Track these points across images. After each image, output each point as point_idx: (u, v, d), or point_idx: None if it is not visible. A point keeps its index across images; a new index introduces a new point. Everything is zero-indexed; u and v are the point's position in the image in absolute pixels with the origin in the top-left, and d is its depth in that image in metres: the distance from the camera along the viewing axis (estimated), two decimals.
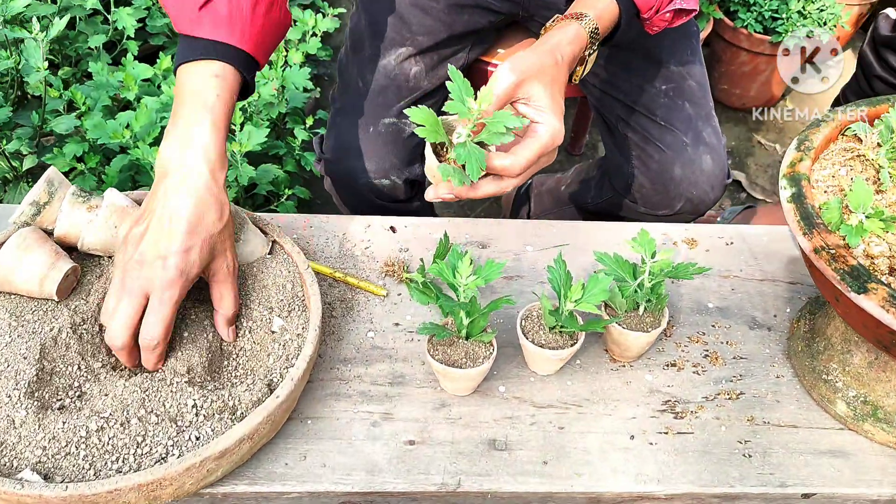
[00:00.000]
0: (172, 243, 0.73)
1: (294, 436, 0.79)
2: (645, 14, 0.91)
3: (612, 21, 0.89)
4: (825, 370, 0.85)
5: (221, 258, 0.78)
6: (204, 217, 0.75)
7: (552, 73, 0.81)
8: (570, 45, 0.84)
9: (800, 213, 0.72)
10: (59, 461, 0.69)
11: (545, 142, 0.79)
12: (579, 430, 0.81)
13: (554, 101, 0.80)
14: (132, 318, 0.73)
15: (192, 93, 0.77)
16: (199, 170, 0.75)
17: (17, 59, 1.19)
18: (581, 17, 0.86)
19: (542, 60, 0.80)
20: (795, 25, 2.05)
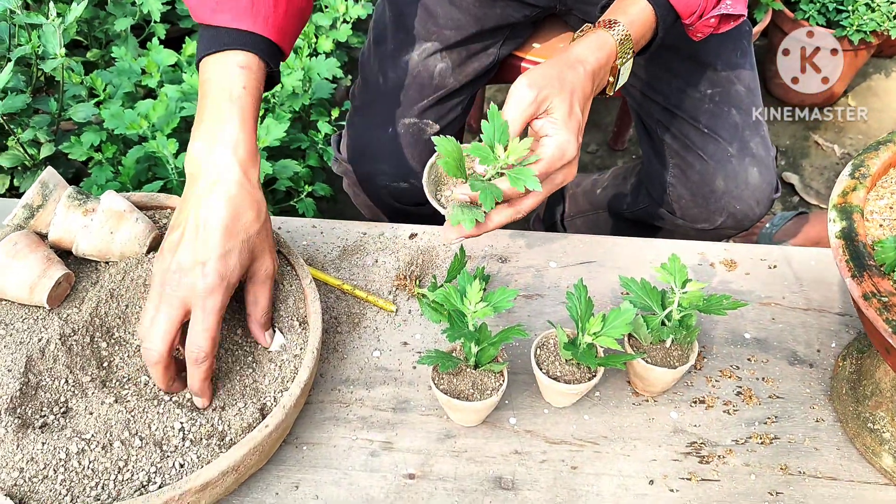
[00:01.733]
0: (210, 248, 0.68)
1: (287, 462, 0.74)
2: (687, 20, 0.84)
3: (647, 28, 0.82)
4: (871, 418, 0.77)
5: (261, 260, 0.73)
6: (240, 218, 0.70)
7: (572, 84, 0.75)
8: (594, 54, 0.78)
9: (849, 252, 0.64)
10: (35, 484, 0.65)
11: (552, 156, 0.73)
12: (594, 470, 0.75)
13: (570, 114, 0.74)
14: (170, 330, 0.68)
15: (218, 87, 0.72)
16: (231, 168, 0.70)
17: (35, 44, 1.16)
18: (612, 24, 0.80)
19: (561, 72, 0.75)
20: (862, 19, 1.91)
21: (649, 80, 1.10)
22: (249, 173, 0.71)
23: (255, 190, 0.72)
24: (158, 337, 0.68)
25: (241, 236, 0.70)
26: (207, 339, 0.68)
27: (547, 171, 0.74)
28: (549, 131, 0.75)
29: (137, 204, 0.84)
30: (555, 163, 0.74)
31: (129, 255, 0.80)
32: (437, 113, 1.09)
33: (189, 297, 0.68)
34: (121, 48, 1.32)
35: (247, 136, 0.71)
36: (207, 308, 0.68)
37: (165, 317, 0.68)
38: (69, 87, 1.23)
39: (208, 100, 0.73)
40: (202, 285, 0.68)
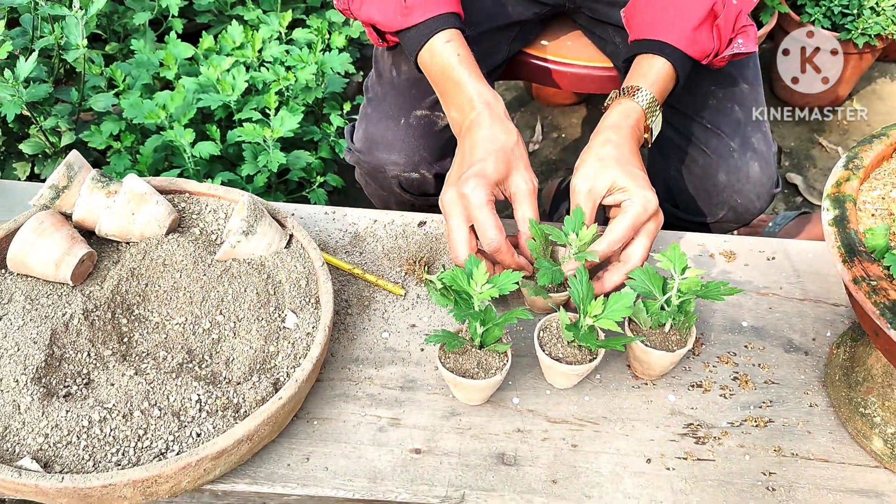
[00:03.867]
0: (472, 160, 0.82)
1: (298, 436, 0.78)
2: (704, 62, 0.92)
3: (668, 82, 0.91)
4: (863, 403, 0.79)
5: (518, 173, 0.84)
6: (494, 136, 0.83)
7: (614, 155, 0.84)
8: (625, 121, 0.87)
9: (841, 238, 0.66)
10: (59, 450, 0.68)
11: (635, 211, 0.82)
12: (593, 449, 0.78)
13: (631, 175, 0.83)
14: (465, 238, 0.80)
15: (440, 67, 0.89)
16: (478, 110, 0.85)
17: (58, 35, 1.20)
18: (635, 92, 0.88)
19: (598, 153, 0.85)
20: (867, 22, 1.93)
21: None
22: (494, 108, 0.86)
23: (504, 118, 0.85)
24: (461, 248, 0.80)
25: (496, 147, 0.82)
26: (492, 231, 0.79)
27: (633, 225, 0.82)
28: (621, 197, 0.83)
29: (158, 188, 0.87)
30: (640, 218, 0.82)
31: (150, 236, 0.84)
32: None
33: (461, 201, 0.80)
34: (139, 41, 1.35)
35: (481, 84, 0.87)
36: (475, 203, 0.80)
37: (456, 228, 0.81)
38: (89, 77, 1.27)
39: (440, 80, 0.89)
40: (467, 187, 0.80)
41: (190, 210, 0.89)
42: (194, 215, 0.88)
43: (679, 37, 0.90)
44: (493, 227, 0.79)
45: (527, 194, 0.84)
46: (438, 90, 0.90)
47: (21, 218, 0.82)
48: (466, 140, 0.84)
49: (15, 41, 1.21)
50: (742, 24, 0.92)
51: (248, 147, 1.26)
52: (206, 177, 1.27)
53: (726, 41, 0.92)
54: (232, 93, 1.25)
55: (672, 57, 0.90)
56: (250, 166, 1.25)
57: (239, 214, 0.83)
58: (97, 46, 1.51)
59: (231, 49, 1.38)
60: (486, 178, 0.80)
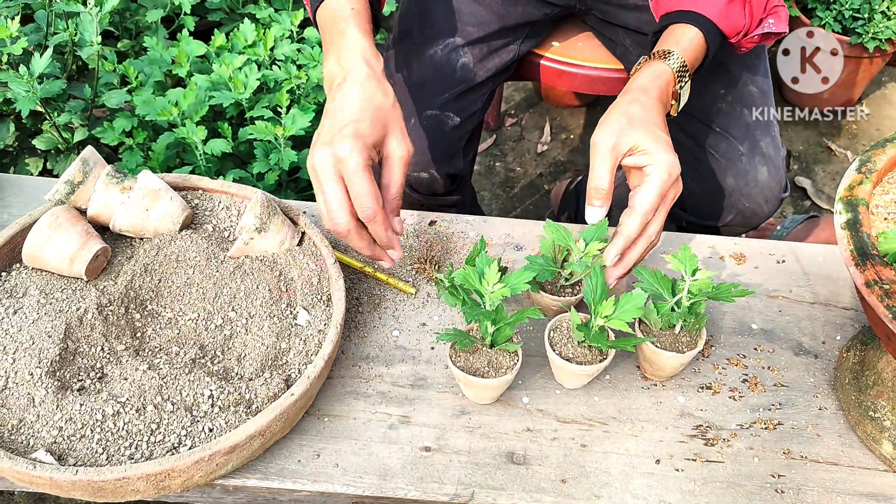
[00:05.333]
0: (345, 118, 0.76)
1: (309, 432, 0.78)
2: (732, 39, 0.91)
3: (699, 52, 0.89)
4: (873, 406, 0.79)
5: (395, 139, 0.79)
6: (372, 98, 0.78)
7: (641, 116, 0.81)
8: (654, 83, 0.84)
9: (853, 242, 0.66)
10: (73, 443, 0.69)
11: (661, 178, 0.79)
12: (602, 449, 0.78)
13: (655, 138, 0.79)
14: (343, 200, 0.75)
15: (331, 19, 0.83)
16: (357, 64, 0.79)
17: (72, 32, 1.20)
18: (666, 55, 0.86)
19: (626, 111, 0.81)
20: (878, 27, 1.93)
21: None
22: (374, 66, 0.80)
23: (382, 78, 0.80)
24: (339, 214, 0.75)
25: (372, 108, 0.77)
26: (363, 196, 0.74)
27: (662, 194, 0.79)
28: (642, 160, 0.80)
29: (171, 184, 0.88)
30: (665, 185, 0.79)
31: (163, 232, 0.84)
32: (458, 106, 1.12)
33: (335, 164, 0.74)
34: (152, 38, 1.36)
35: (364, 39, 0.81)
36: (351, 167, 0.74)
37: (332, 190, 0.74)
38: (103, 74, 1.27)
39: (327, 30, 0.83)
40: (342, 149, 0.74)
41: (203, 207, 0.89)
42: (207, 212, 0.89)
43: (712, 9, 0.88)
44: (370, 194, 0.74)
45: (399, 161, 0.79)
46: (323, 41, 0.84)
47: (36, 213, 0.82)
48: (338, 95, 0.78)
49: (29, 37, 1.22)
50: (774, 3, 0.91)
51: (260, 145, 1.27)
52: (217, 174, 1.28)
53: (757, 20, 0.90)
54: (244, 91, 1.26)
55: (704, 27, 0.88)
56: (261, 164, 1.25)
57: (252, 211, 0.83)
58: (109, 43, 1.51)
59: (243, 47, 1.39)
60: (363, 140, 0.75)
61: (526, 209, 1.92)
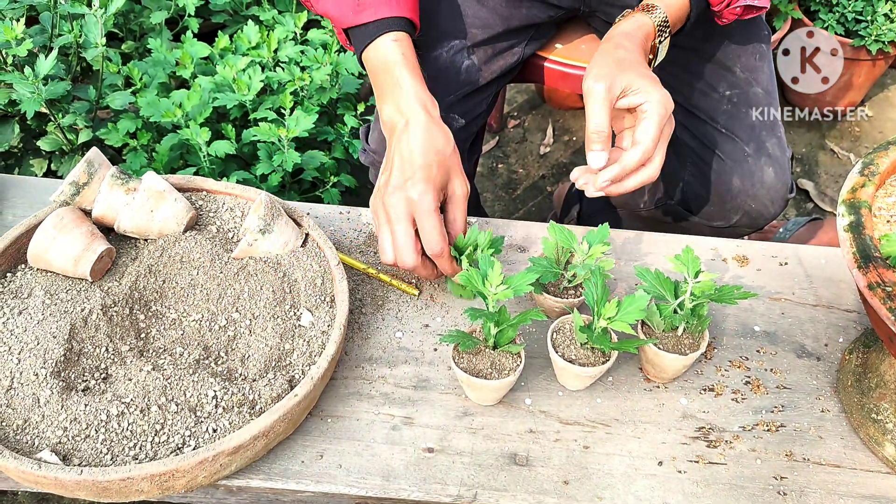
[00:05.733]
0: (414, 166, 0.82)
1: (313, 433, 0.78)
2: (715, 7, 0.92)
3: (682, 12, 0.90)
4: (875, 409, 0.79)
5: (455, 179, 0.85)
6: (434, 142, 0.83)
7: (628, 58, 0.83)
8: (635, 31, 0.86)
9: (856, 244, 0.67)
10: (78, 443, 0.69)
11: (658, 113, 0.81)
12: (605, 451, 0.78)
13: (645, 77, 0.81)
14: (411, 240, 0.81)
15: (383, 62, 0.87)
16: (417, 110, 0.84)
17: (77, 33, 1.21)
18: (650, 9, 0.88)
19: (613, 55, 0.84)
20: (881, 29, 1.93)
21: (669, 80, 1.12)
22: (432, 112, 0.85)
23: (441, 123, 0.85)
24: (404, 249, 0.81)
25: (437, 154, 0.82)
26: (436, 235, 0.80)
27: (661, 126, 0.81)
28: (636, 99, 0.82)
29: (176, 186, 0.88)
30: (663, 118, 0.81)
31: (168, 234, 0.85)
32: (463, 108, 1.13)
33: (408, 206, 0.81)
34: (156, 40, 1.36)
35: (419, 84, 0.86)
36: (424, 209, 0.80)
37: (402, 231, 0.81)
38: (107, 76, 1.28)
39: (380, 76, 0.87)
40: (415, 192, 0.80)
41: (207, 208, 0.90)
42: (211, 213, 0.89)
43: None
44: (440, 233, 0.80)
45: (461, 199, 0.85)
46: (376, 86, 0.89)
47: (41, 214, 0.83)
48: (404, 142, 0.83)
49: (34, 39, 1.23)
50: None
51: (263, 146, 1.27)
52: (220, 175, 1.28)
53: None
54: (247, 92, 1.26)
55: None
56: (265, 165, 1.26)
57: (256, 213, 0.83)
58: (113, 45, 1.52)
59: (247, 49, 1.39)
60: (433, 184, 0.81)
61: (528, 211, 1.92)
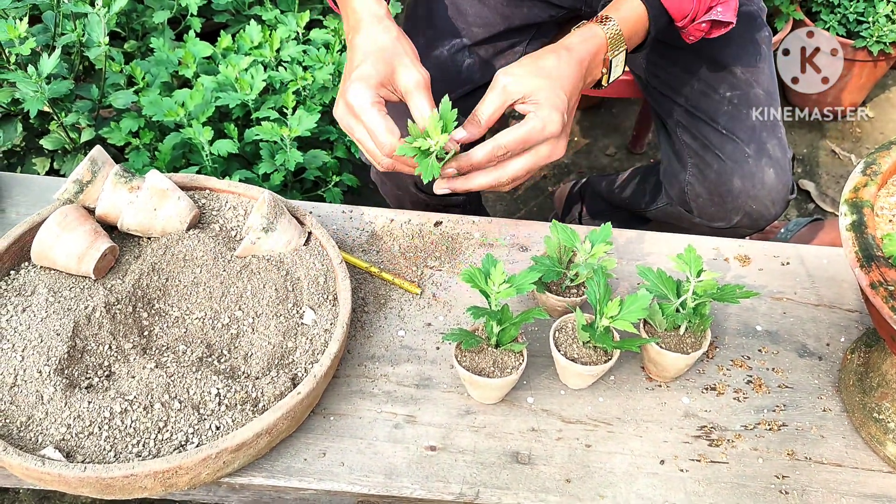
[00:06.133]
0: (349, 69, 0.81)
1: (315, 431, 0.78)
2: (679, 22, 0.90)
3: (639, 26, 0.88)
4: (877, 408, 0.79)
5: (403, 69, 0.80)
6: (371, 37, 0.81)
7: (550, 70, 0.81)
8: (583, 45, 0.84)
9: (859, 243, 0.67)
10: (81, 440, 0.69)
11: (534, 125, 0.78)
12: (607, 449, 0.78)
13: (553, 95, 0.79)
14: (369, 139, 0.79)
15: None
16: (361, 17, 0.83)
17: (80, 32, 1.21)
18: (604, 20, 0.86)
19: (540, 61, 0.82)
20: (882, 30, 1.93)
21: (670, 81, 1.13)
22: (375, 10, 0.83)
23: (383, 18, 0.83)
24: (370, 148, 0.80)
25: (373, 48, 0.80)
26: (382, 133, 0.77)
27: (526, 139, 0.78)
28: (530, 109, 0.80)
29: (178, 184, 0.88)
30: (534, 133, 0.78)
31: (171, 232, 0.85)
32: (464, 107, 1.12)
33: (351, 112, 0.79)
34: (159, 39, 1.37)
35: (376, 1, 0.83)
36: (360, 107, 0.78)
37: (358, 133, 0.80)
38: (110, 75, 1.28)
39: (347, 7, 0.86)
40: (349, 95, 0.78)
41: (210, 206, 0.90)
42: (214, 212, 0.89)
43: None
44: (384, 129, 0.77)
45: (417, 87, 0.79)
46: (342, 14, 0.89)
47: (45, 212, 0.83)
48: (348, 50, 0.83)
49: (37, 38, 1.23)
50: None
51: (266, 146, 1.27)
52: (223, 174, 1.28)
53: (706, 6, 0.89)
54: (250, 92, 1.27)
55: (648, 2, 0.87)
56: (267, 165, 1.26)
57: (259, 211, 0.84)
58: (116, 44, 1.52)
59: (249, 48, 1.39)
60: (367, 80, 0.78)
61: (530, 211, 1.93)
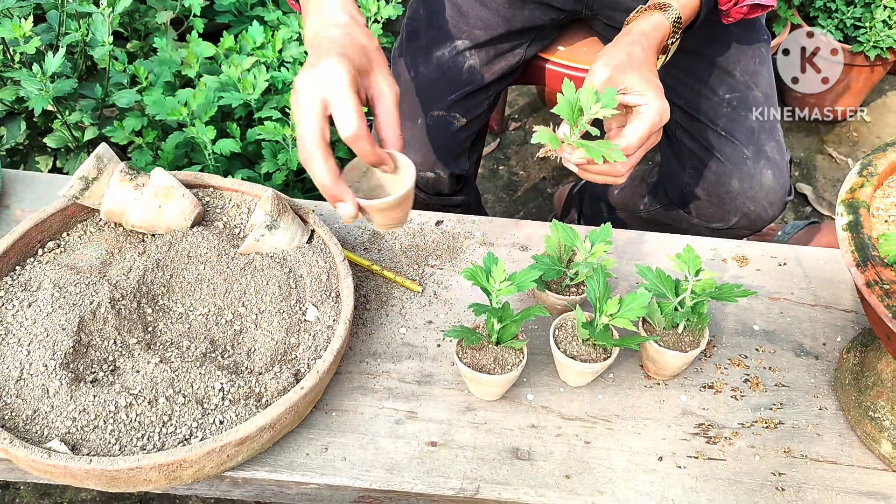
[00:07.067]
0: (328, 48, 0.71)
1: (317, 426, 0.79)
2: (723, 6, 0.92)
3: (694, 10, 0.90)
4: (872, 407, 0.80)
5: (381, 76, 0.74)
6: (353, 36, 0.75)
7: (640, 59, 0.83)
8: (653, 32, 0.86)
9: (855, 243, 0.68)
10: (87, 433, 0.70)
11: (652, 119, 0.80)
12: (606, 446, 0.79)
13: (650, 83, 0.81)
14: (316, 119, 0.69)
15: None
16: (337, 17, 0.77)
17: (84, 32, 1.22)
18: (664, 7, 0.88)
19: (628, 50, 0.83)
20: (879, 35, 1.95)
21: (671, 84, 1.14)
22: (356, 16, 0.78)
23: (364, 26, 0.78)
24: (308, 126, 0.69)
25: (355, 42, 0.74)
26: (350, 118, 0.68)
27: (649, 132, 0.80)
28: (640, 101, 0.80)
29: (183, 182, 0.89)
30: (655, 125, 0.80)
31: (175, 229, 0.86)
32: (465, 107, 1.14)
33: (320, 88, 0.69)
34: (162, 39, 1.37)
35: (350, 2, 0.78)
36: (338, 86, 0.69)
37: (307, 109, 0.69)
38: (113, 74, 1.29)
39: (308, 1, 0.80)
40: (325, 69, 0.69)
41: (214, 204, 0.91)
42: (218, 209, 0.90)
43: None
44: (355, 110, 0.68)
45: (394, 97, 0.75)
46: (304, 12, 0.81)
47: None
48: (323, 38, 0.75)
49: (41, 37, 1.24)
50: None
51: (268, 145, 1.28)
52: (225, 174, 1.29)
53: None
54: (252, 92, 1.27)
55: None
56: (269, 164, 1.27)
57: (263, 209, 0.84)
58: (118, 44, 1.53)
59: (251, 49, 1.40)
60: (350, 62, 0.70)
61: (529, 212, 1.94)
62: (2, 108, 1.23)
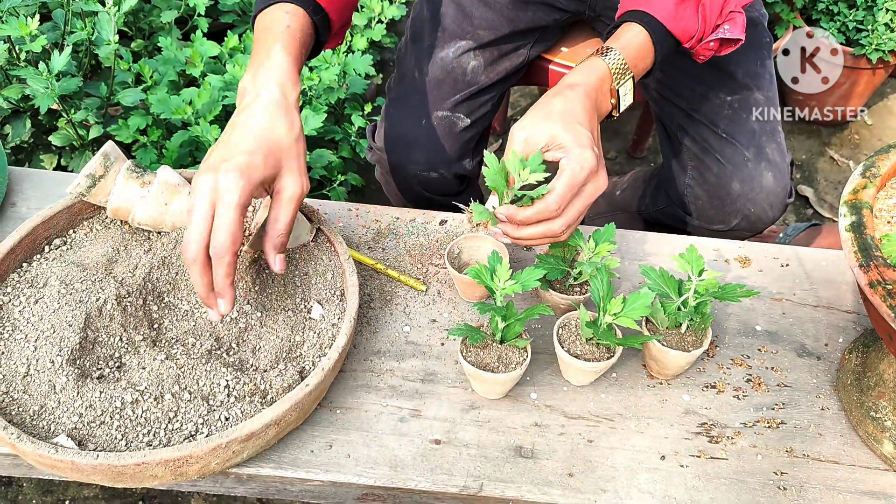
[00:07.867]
0: (238, 146, 0.72)
1: (322, 424, 0.80)
2: (686, 44, 0.88)
3: (644, 51, 0.86)
4: (874, 407, 0.81)
5: (290, 176, 0.74)
6: (273, 127, 0.74)
7: (562, 110, 0.80)
8: (586, 78, 0.82)
9: (858, 243, 0.68)
10: (93, 429, 0.71)
11: (572, 170, 0.77)
12: (609, 444, 0.80)
13: (573, 134, 0.78)
14: (202, 227, 0.69)
15: (265, 29, 0.80)
16: (270, 88, 0.76)
17: (90, 31, 1.23)
18: (606, 51, 0.85)
19: (548, 106, 0.80)
20: (881, 38, 1.95)
21: (673, 86, 1.15)
22: (287, 93, 0.76)
23: (291, 110, 0.76)
24: (191, 234, 0.69)
25: (270, 142, 0.73)
26: (226, 235, 0.69)
27: (572, 184, 0.77)
28: (560, 153, 0.78)
29: (189, 180, 0.90)
30: (577, 175, 0.77)
31: (181, 227, 0.86)
32: (469, 108, 1.14)
33: (213, 195, 0.70)
34: (166, 38, 1.38)
35: (287, 63, 0.77)
36: (226, 202, 0.69)
37: (198, 215, 0.70)
38: (118, 73, 1.29)
39: (257, 42, 0.80)
40: (224, 180, 0.70)
41: None
42: None
43: (660, 8, 0.85)
44: (231, 233, 0.69)
45: (290, 199, 0.75)
46: (252, 51, 0.81)
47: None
48: (242, 117, 0.75)
49: (47, 35, 1.24)
50: (730, 9, 0.88)
51: None
52: None
53: (712, 25, 0.87)
54: None
55: (650, 27, 0.86)
56: None
57: (267, 207, 0.85)
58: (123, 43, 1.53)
59: None
60: (250, 178, 0.71)
61: None
62: (7, 106, 1.24)
